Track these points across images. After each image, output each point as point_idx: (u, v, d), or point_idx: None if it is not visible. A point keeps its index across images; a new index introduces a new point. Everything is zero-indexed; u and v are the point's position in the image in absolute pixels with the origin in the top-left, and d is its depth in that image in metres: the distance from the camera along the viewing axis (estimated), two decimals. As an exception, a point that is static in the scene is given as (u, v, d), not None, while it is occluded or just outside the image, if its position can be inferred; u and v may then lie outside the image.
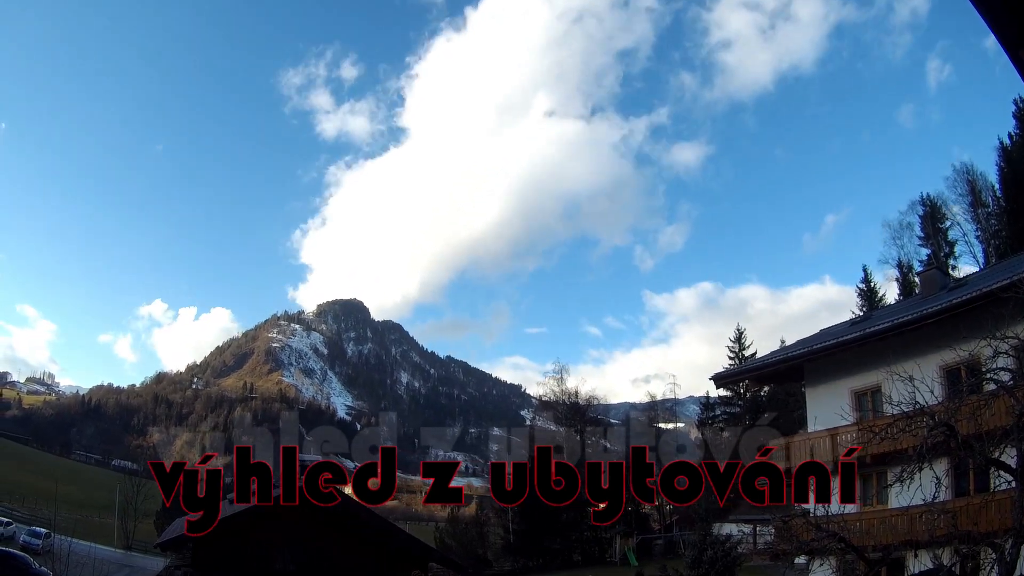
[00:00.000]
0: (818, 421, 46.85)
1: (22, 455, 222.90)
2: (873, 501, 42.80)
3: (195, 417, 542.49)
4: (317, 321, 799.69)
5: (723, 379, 70.20)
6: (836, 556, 30.37)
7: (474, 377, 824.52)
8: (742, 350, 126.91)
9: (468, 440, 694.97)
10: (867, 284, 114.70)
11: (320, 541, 34.48)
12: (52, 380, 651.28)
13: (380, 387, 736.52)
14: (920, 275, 68.51)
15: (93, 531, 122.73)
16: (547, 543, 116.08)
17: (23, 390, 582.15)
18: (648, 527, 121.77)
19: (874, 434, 27.99)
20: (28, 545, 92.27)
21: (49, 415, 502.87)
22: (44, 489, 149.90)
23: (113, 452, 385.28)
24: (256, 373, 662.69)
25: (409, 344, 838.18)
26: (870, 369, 42.84)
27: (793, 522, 33.85)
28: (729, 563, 51.60)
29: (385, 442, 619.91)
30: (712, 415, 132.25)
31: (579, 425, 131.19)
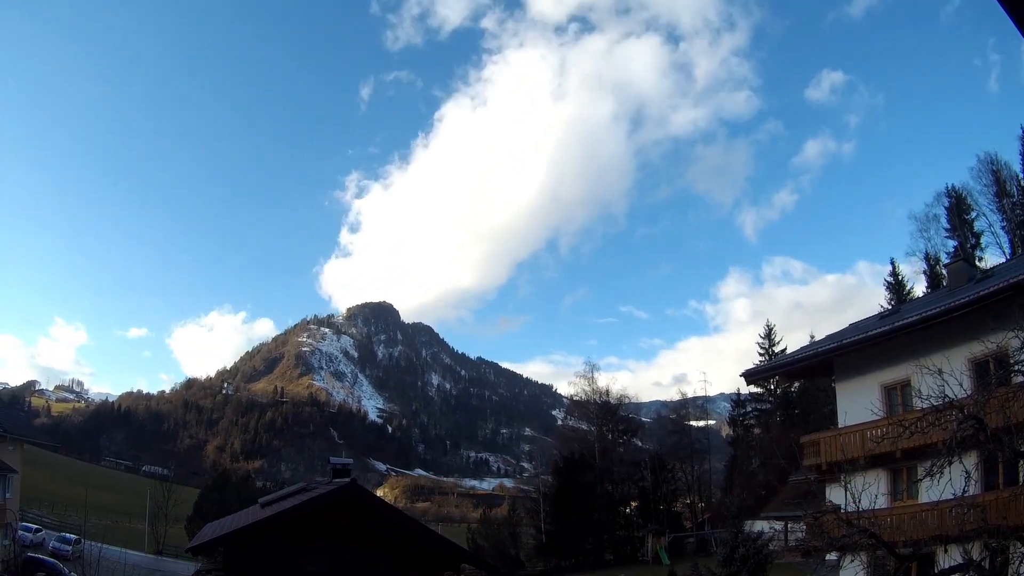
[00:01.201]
0: (848, 416, 46.40)
1: (51, 462, 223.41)
2: (904, 496, 42.47)
3: (225, 422, 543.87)
4: (347, 324, 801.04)
5: (753, 375, 69.69)
6: (867, 552, 30.03)
7: (505, 377, 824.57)
8: (772, 346, 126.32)
9: (500, 441, 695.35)
10: (895, 277, 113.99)
11: (351, 543, 34.42)
12: (81, 388, 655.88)
13: (411, 389, 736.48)
14: (947, 267, 67.97)
15: (124, 537, 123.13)
16: (579, 543, 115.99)
17: (52, 398, 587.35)
18: (680, 525, 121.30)
19: (904, 428, 27.63)
20: (58, 551, 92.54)
21: (78, 422, 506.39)
22: (74, 496, 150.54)
23: (143, 458, 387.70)
24: (286, 377, 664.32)
25: (439, 346, 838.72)
26: (899, 363, 42.62)
27: (824, 518, 33.43)
28: (761, 560, 51.26)
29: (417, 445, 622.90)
30: (743, 412, 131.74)
31: (610, 424, 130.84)
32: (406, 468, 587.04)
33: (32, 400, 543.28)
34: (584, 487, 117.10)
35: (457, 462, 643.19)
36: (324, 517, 34.37)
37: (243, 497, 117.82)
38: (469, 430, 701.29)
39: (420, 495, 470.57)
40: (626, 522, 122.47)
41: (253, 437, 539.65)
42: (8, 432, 77.88)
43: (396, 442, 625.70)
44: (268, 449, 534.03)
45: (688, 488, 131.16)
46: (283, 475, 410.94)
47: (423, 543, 36.26)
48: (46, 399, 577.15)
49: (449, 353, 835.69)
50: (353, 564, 34.14)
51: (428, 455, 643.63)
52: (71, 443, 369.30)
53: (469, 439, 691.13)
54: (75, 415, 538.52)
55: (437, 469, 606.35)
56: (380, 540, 34.96)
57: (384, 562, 34.73)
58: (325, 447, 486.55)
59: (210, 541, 34.96)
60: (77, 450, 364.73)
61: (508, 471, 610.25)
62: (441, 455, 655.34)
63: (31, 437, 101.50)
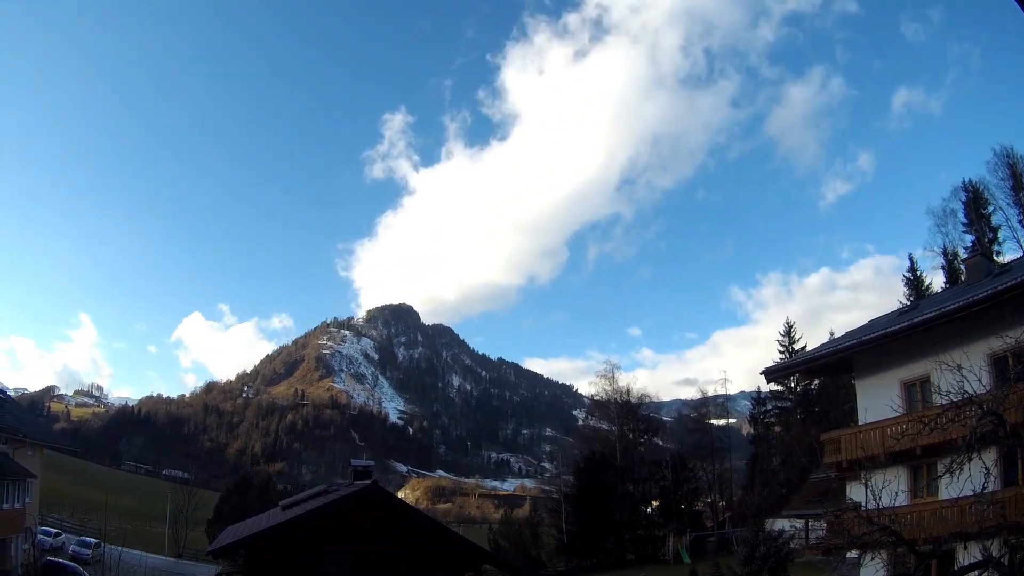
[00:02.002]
0: (868, 413, 46.35)
1: (71, 467, 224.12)
2: (924, 493, 42.28)
3: (246, 425, 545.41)
4: (367, 327, 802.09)
5: (773, 373, 69.39)
6: (887, 550, 30.03)
7: (526, 378, 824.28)
8: (792, 343, 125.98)
9: (521, 441, 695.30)
10: (913, 273, 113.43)
11: (373, 545, 34.47)
12: (101, 392, 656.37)
13: (432, 391, 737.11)
14: (965, 262, 67.59)
15: (144, 540, 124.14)
16: (600, 543, 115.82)
17: (71, 403, 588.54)
18: (701, 524, 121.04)
19: (924, 425, 27.63)
20: (78, 555, 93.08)
21: (98, 427, 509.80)
22: (94, 500, 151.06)
23: (163, 462, 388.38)
24: (307, 380, 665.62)
25: (460, 347, 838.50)
26: (918, 359, 42.46)
27: (845, 516, 33.40)
28: (781, 559, 51.15)
29: (438, 446, 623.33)
30: (763, 410, 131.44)
31: (631, 423, 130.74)
32: (427, 469, 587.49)
33: (51, 405, 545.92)
34: (605, 487, 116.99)
35: (478, 463, 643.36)
36: (345, 519, 34.48)
37: (264, 500, 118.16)
38: (490, 431, 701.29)
39: (441, 496, 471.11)
40: (647, 521, 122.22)
41: (274, 440, 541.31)
42: (27, 437, 78.26)
43: (417, 443, 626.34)
44: (289, 452, 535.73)
45: (709, 487, 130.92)
46: (304, 477, 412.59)
47: (444, 544, 36.36)
48: (65, 404, 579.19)
49: (470, 354, 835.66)
50: (374, 566, 34.22)
51: (449, 456, 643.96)
52: (91, 448, 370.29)
53: (490, 440, 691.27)
54: (95, 420, 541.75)
55: (458, 470, 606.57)
56: (401, 542, 35.06)
57: (405, 563, 34.81)
58: (346, 449, 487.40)
59: (231, 544, 35.09)
60: (97, 454, 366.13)
61: (529, 471, 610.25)
62: (462, 456, 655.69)
63: (50, 442, 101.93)
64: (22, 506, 75.05)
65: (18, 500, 73.74)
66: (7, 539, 72.11)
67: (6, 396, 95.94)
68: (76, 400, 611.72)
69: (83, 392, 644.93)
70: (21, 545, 77.37)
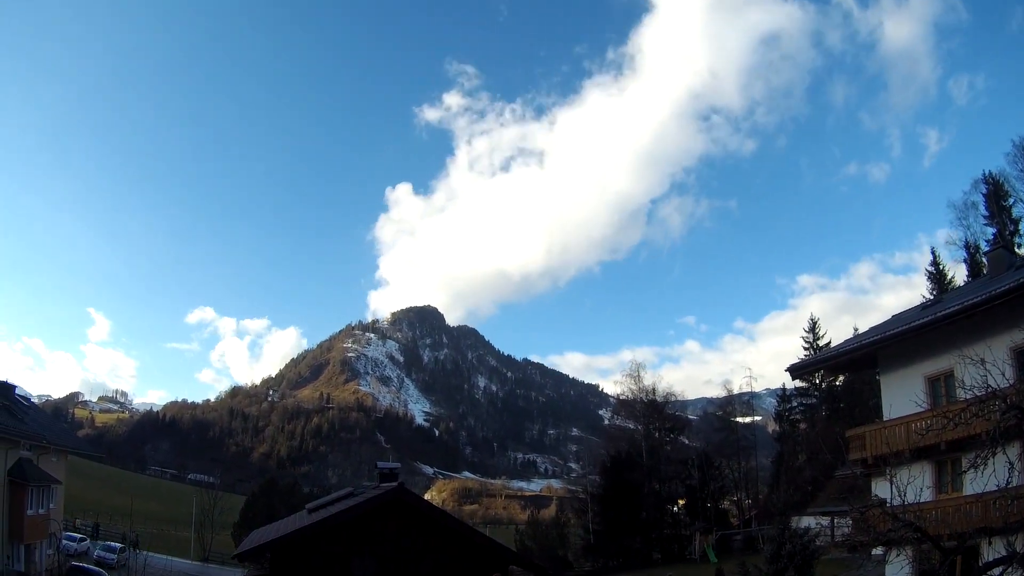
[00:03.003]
0: (893, 408, 46.24)
1: (96, 473, 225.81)
2: (948, 488, 42.11)
3: (272, 429, 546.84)
4: (392, 329, 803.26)
5: (798, 370, 69.08)
6: (912, 546, 29.91)
7: (551, 378, 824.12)
8: (816, 340, 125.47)
9: (547, 442, 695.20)
10: (936, 267, 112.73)
11: (399, 547, 34.48)
12: (125, 398, 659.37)
13: (457, 392, 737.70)
14: (987, 255, 67.25)
15: (170, 544, 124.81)
16: (627, 542, 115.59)
17: (96, 409, 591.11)
18: (727, 523, 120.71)
19: (948, 420, 27.52)
20: (103, 560, 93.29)
21: (123, 432, 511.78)
22: (119, 505, 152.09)
23: (189, 466, 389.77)
24: (332, 383, 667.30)
25: (485, 348, 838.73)
26: (942, 353, 42.11)
27: (870, 513, 33.24)
28: (807, 556, 51.05)
29: (464, 447, 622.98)
30: (789, 407, 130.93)
31: (657, 422, 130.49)
32: (453, 471, 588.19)
33: (76, 412, 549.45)
34: (632, 486, 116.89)
35: (504, 464, 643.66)
36: (371, 521, 34.51)
37: (290, 503, 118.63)
38: (516, 432, 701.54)
39: (468, 498, 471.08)
40: (673, 521, 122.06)
41: (299, 443, 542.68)
42: (51, 443, 78.69)
43: (443, 445, 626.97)
44: (315, 455, 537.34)
45: (735, 485, 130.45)
46: (330, 480, 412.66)
47: (470, 545, 36.34)
48: (90, 410, 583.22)
49: (495, 355, 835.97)
50: (401, 568, 34.24)
51: (475, 457, 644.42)
52: (116, 453, 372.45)
53: (516, 440, 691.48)
54: (120, 425, 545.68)
55: (484, 471, 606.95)
56: (428, 543, 35.07)
57: (432, 565, 34.83)
58: (372, 451, 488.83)
59: (257, 547, 35.22)
60: (122, 460, 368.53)
61: (555, 472, 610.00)
62: (488, 457, 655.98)
63: (74, 448, 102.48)
64: (46, 512, 75.49)
65: (42, 506, 74.21)
66: (32, 544, 72.59)
67: (30, 403, 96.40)
68: (100, 406, 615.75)
69: (107, 398, 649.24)
70: (46, 550, 77.88)
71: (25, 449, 71.75)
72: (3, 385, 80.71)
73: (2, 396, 76.85)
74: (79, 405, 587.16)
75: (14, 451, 68.77)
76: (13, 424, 70.00)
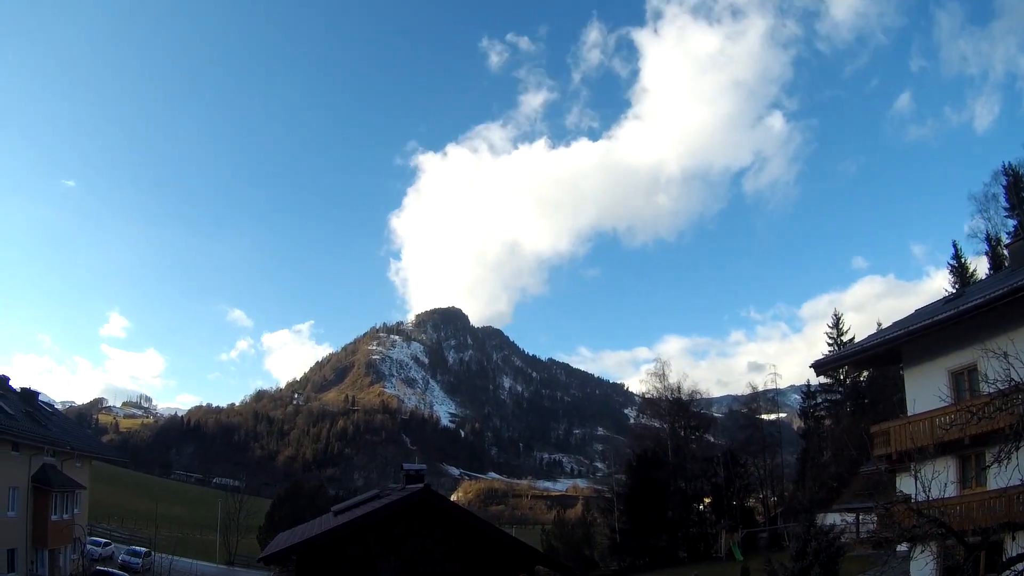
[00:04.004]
0: (917, 404, 46.02)
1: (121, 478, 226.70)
2: (972, 483, 41.98)
3: (297, 432, 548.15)
4: (417, 331, 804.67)
5: (823, 366, 68.84)
6: (936, 542, 29.89)
7: (576, 378, 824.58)
8: (840, 335, 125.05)
9: (573, 441, 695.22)
10: (958, 260, 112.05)
11: (425, 549, 34.55)
12: (149, 403, 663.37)
13: (483, 393, 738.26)
14: (1008, 247, 66.84)
15: (195, 548, 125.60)
16: (653, 541, 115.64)
17: (120, 414, 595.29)
18: (753, 521, 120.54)
19: (971, 414, 27.46)
20: (128, 564, 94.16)
21: (147, 437, 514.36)
22: (144, 510, 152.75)
23: (213, 470, 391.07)
24: (357, 386, 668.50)
25: (510, 349, 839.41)
26: (965, 347, 42.05)
27: (895, 509, 33.17)
28: (833, 553, 50.97)
29: (490, 448, 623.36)
30: (813, 403, 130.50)
31: (682, 420, 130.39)
32: (479, 472, 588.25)
33: (99, 417, 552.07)
34: (657, 485, 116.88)
35: (530, 464, 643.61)
36: (397, 523, 34.61)
37: (315, 506, 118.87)
38: (542, 432, 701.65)
39: (494, 498, 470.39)
40: (699, 519, 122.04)
41: (325, 446, 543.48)
42: (75, 449, 79.42)
43: (469, 446, 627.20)
44: (340, 457, 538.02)
45: (760, 483, 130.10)
46: (356, 483, 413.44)
47: (497, 546, 36.41)
48: (114, 416, 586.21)
49: (520, 356, 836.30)
50: (427, 569, 34.33)
51: (501, 458, 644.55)
52: (140, 458, 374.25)
53: (542, 441, 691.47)
54: (144, 430, 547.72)
55: (510, 472, 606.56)
56: (454, 545, 35.16)
57: (458, 566, 34.92)
58: (397, 453, 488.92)
59: (283, 550, 35.40)
60: (146, 465, 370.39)
61: (581, 471, 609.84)
62: (514, 458, 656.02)
63: (98, 453, 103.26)
64: (70, 517, 76.22)
65: (66, 511, 74.92)
66: (56, 549, 73.31)
67: (53, 409, 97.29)
68: (124, 412, 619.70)
69: (131, 404, 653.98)
70: (70, 555, 78.55)
71: (49, 455, 72.46)
72: (26, 392, 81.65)
73: (25, 403, 77.72)
74: (103, 411, 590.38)
75: (37, 457, 69.52)
76: (36, 430, 70.79)
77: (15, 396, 77.48)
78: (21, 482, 66.11)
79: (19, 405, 74.21)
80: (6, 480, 63.48)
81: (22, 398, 78.69)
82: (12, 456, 64.53)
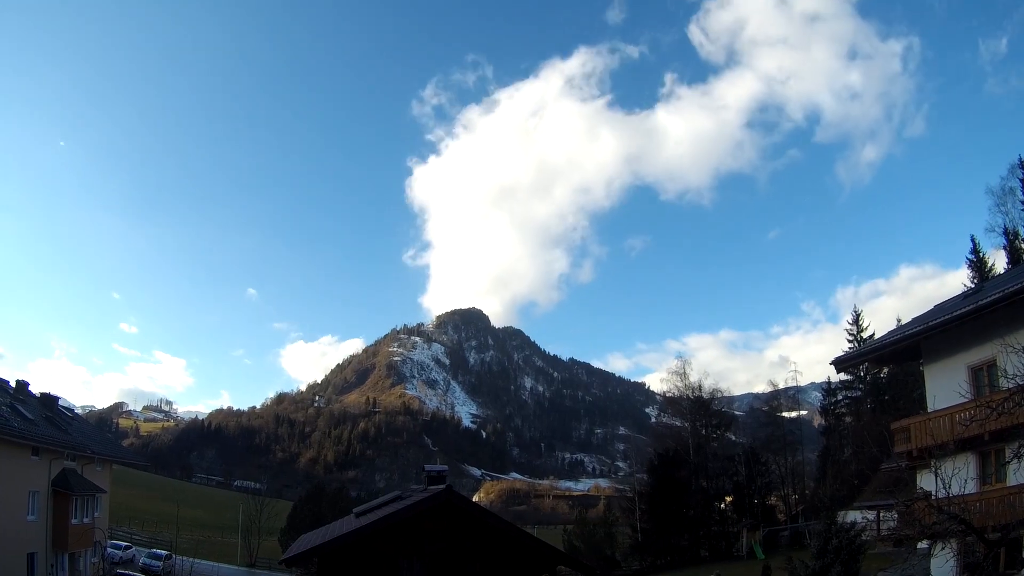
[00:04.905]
0: (937, 400, 45.79)
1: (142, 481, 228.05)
2: (992, 479, 41.77)
3: (318, 434, 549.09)
4: (437, 332, 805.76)
5: (843, 363, 68.68)
6: (957, 539, 29.87)
7: (597, 377, 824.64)
8: (860, 332, 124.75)
9: (594, 441, 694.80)
10: (976, 255, 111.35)
11: (447, 550, 34.66)
12: (170, 407, 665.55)
13: (504, 394, 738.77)
14: (1026, 241, 66.81)
15: (217, 551, 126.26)
16: (675, 540, 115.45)
17: (140, 418, 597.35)
18: (774, 519, 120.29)
19: (991, 410, 27.50)
20: (148, 567, 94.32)
21: (168, 441, 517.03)
22: (165, 513, 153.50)
23: (235, 473, 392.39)
24: (378, 387, 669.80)
25: (531, 349, 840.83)
26: (984, 343, 41.77)
27: (915, 506, 33.14)
28: (854, 551, 50.78)
29: (512, 448, 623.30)
30: (834, 400, 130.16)
31: (703, 419, 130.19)
32: (501, 472, 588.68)
33: (120, 421, 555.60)
34: (679, 484, 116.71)
35: (552, 464, 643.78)
36: (420, 524, 34.73)
37: (337, 508, 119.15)
38: (563, 432, 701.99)
39: (516, 499, 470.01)
40: (721, 518, 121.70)
41: (346, 448, 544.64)
42: (95, 453, 79.86)
43: (490, 447, 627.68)
44: (362, 459, 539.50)
45: (782, 480, 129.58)
46: (377, 484, 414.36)
47: (519, 546, 36.50)
48: (134, 420, 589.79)
49: (541, 356, 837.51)
50: (450, 570, 34.45)
51: (523, 458, 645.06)
52: (161, 462, 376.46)
53: (563, 440, 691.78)
54: (165, 434, 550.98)
55: (532, 472, 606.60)
56: (476, 545, 35.25)
57: (480, 567, 35.01)
58: (419, 455, 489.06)
59: (305, 552, 35.58)
60: (167, 468, 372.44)
61: (603, 471, 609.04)
62: (536, 458, 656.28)
63: (119, 457, 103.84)
64: (91, 520, 76.66)
65: (87, 515, 75.38)
66: (76, 553, 73.77)
67: (74, 414, 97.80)
68: (145, 415, 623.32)
69: (152, 407, 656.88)
70: (90, 558, 79.00)
71: (69, 459, 72.91)
72: (46, 397, 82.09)
73: (45, 408, 78.18)
74: (123, 415, 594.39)
75: (57, 462, 69.97)
76: (56, 435, 71.20)
77: (35, 401, 77.91)
78: (41, 486, 66.48)
79: (39, 410, 74.63)
80: (26, 484, 63.84)
81: (42, 403, 79.14)
82: (32, 461, 64.88)
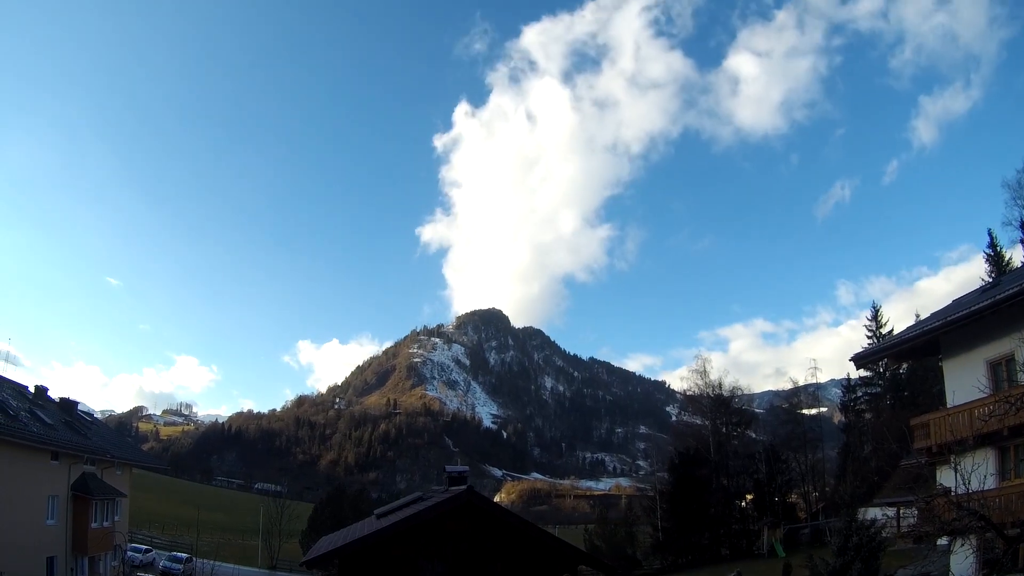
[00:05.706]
0: (956, 395, 45.72)
1: (162, 485, 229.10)
2: (1011, 475, 41.64)
3: (339, 436, 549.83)
4: (457, 333, 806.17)
5: (862, 359, 68.49)
6: (977, 535, 29.87)
7: (617, 376, 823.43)
8: (879, 328, 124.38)
9: (615, 440, 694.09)
10: (994, 249, 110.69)
11: (469, 550, 34.71)
12: (190, 411, 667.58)
13: (524, 394, 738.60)
14: (1042, 235, 66.57)
15: (237, 554, 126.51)
16: (695, 539, 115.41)
17: (160, 422, 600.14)
18: (794, 517, 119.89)
19: (1010, 405, 27.55)
20: (168, 570, 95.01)
21: (188, 444, 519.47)
22: (186, 516, 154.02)
23: (255, 476, 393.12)
24: (399, 389, 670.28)
25: (551, 349, 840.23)
26: (1003, 337, 41.74)
27: (935, 502, 33.15)
28: (874, 548, 50.70)
29: (532, 448, 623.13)
30: (854, 397, 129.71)
31: (724, 417, 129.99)
32: (522, 472, 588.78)
33: (139, 425, 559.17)
34: (700, 482, 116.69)
35: (573, 464, 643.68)
36: (440, 525, 34.80)
37: (358, 509, 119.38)
38: (584, 431, 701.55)
39: (537, 499, 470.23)
40: (741, 516, 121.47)
41: (367, 450, 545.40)
42: (115, 457, 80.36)
43: (511, 447, 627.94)
44: (382, 461, 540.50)
45: (802, 478, 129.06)
46: (398, 486, 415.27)
47: (540, 546, 36.52)
48: (154, 424, 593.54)
49: (561, 355, 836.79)
50: (471, 570, 34.49)
51: (544, 458, 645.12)
52: (182, 465, 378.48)
53: (584, 440, 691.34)
54: (185, 438, 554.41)
55: (553, 472, 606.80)
56: (497, 545, 35.29)
57: (502, 567, 35.05)
58: (440, 456, 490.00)
59: (326, 553, 35.65)
60: (188, 472, 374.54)
61: (624, 470, 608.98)
62: (556, 458, 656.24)
63: (138, 461, 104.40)
64: (111, 524, 77.16)
65: (107, 519, 75.87)
66: (96, 556, 74.25)
67: (93, 418, 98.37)
68: (165, 419, 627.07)
69: (172, 411, 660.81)
70: (110, 562, 79.51)
71: (88, 464, 73.41)
72: (65, 402, 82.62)
73: (64, 412, 78.69)
74: (143, 419, 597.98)
75: (77, 466, 70.46)
76: (75, 439, 71.71)
77: (54, 406, 78.42)
78: (61, 491, 66.97)
79: (58, 415, 75.14)
80: (45, 489, 64.35)
81: (61, 408, 79.66)
82: (51, 465, 65.36)
